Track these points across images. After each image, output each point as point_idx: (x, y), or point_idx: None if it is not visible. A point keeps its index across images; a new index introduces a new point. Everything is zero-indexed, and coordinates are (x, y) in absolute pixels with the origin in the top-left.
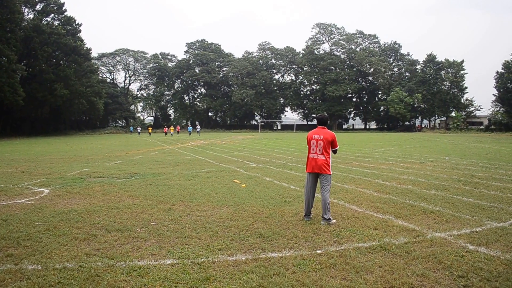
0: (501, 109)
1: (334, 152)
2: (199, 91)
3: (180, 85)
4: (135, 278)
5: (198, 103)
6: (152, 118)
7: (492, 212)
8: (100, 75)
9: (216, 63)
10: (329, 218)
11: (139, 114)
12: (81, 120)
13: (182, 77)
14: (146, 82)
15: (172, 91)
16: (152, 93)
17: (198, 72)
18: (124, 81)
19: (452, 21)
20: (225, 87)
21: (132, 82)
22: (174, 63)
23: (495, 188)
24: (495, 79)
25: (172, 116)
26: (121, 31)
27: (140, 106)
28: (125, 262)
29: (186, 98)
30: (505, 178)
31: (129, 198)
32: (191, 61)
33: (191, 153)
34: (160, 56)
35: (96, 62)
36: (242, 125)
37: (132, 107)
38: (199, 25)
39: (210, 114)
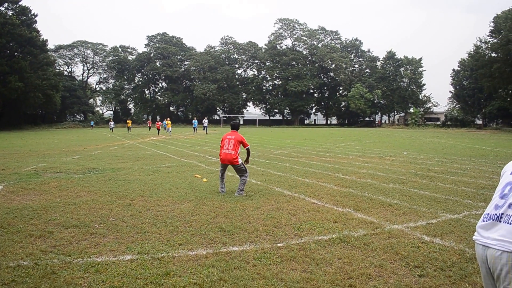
0: (457, 106)
1: (247, 150)
2: (160, 85)
3: (141, 79)
4: (93, 274)
5: (159, 97)
6: (111, 112)
7: (447, 205)
8: (57, 67)
9: (178, 57)
10: (242, 190)
11: (98, 108)
12: (37, 114)
13: (142, 70)
14: (105, 76)
15: (132, 85)
16: (111, 86)
17: (159, 65)
18: (82, 74)
19: (414, 20)
20: (187, 81)
21: (91, 75)
22: (134, 56)
23: (450, 182)
24: (452, 76)
25: (133, 110)
26: (79, 23)
27: (99, 100)
28: (82, 258)
29: (146, 92)
30: (460, 172)
31: (87, 194)
32: (152, 55)
33: (151, 147)
34: (120, 49)
35: (53, 54)
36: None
37: (91, 101)
38: (161, 16)
39: (171, 108)
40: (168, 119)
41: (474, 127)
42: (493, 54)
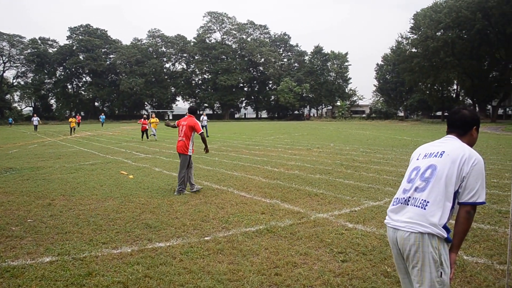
0: (380, 99)
1: (201, 137)
2: (84, 79)
3: (63, 73)
4: (8, 279)
5: (83, 92)
6: (31, 108)
7: (370, 193)
8: None
9: (103, 50)
10: (180, 190)
11: (16, 105)
12: None
13: (64, 64)
14: (23, 69)
15: (53, 79)
16: (30, 81)
17: (82, 59)
18: None
19: (340, 15)
20: (112, 75)
21: (7, 69)
22: (55, 49)
23: (373, 171)
24: (375, 70)
25: (54, 106)
26: None
27: (17, 95)
28: None
29: (69, 87)
30: (382, 162)
31: (3, 195)
32: (74, 47)
33: (74, 145)
34: (39, 41)
35: None
36: (131, 115)
37: (8, 96)
38: (84, 6)
39: (96, 104)
40: (154, 115)
41: (396, 119)
42: (413, 50)
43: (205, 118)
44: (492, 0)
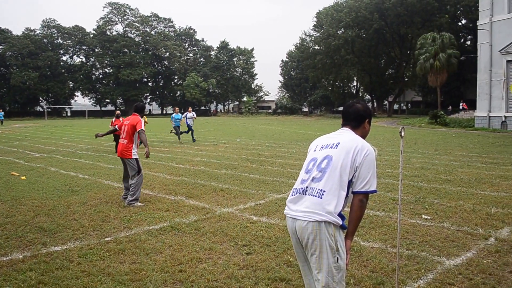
0: (286, 94)
1: (139, 135)
2: None
3: None
4: None
5: None
6: None
7: (274, 186)
8: None
9: None
10: (131, 202)
11: None
12: None
13: None
14: None
15: None
16: None
17: None
18: None
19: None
20: (1, 68)
21: None
22: None
23: (278, 164)
24: (281, 67)
25: None
26: None
27: None
28: None
29: None
30: (287, 155)
31: None
32: None
33: None
34: None
35: None
36: (24, 112)
37: None
38: None
39: None
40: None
41: (301, 114)
42: (316, 47)
43: (191, 115)
44: (388, 2)
